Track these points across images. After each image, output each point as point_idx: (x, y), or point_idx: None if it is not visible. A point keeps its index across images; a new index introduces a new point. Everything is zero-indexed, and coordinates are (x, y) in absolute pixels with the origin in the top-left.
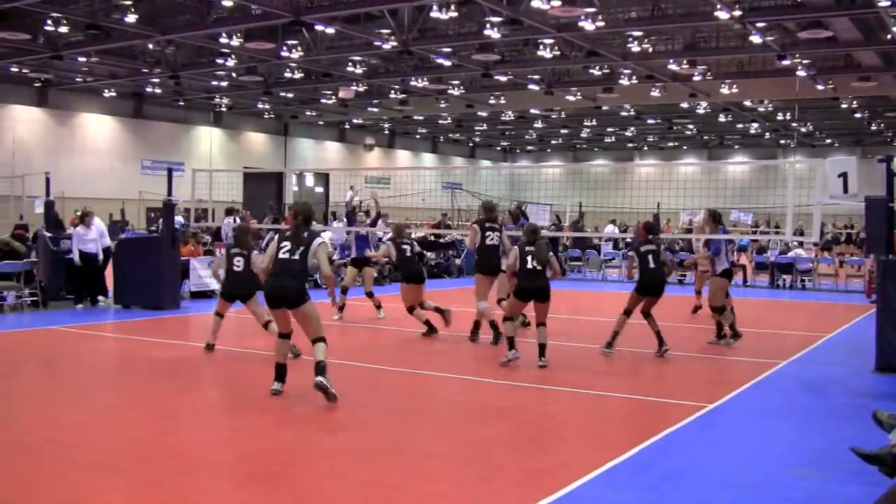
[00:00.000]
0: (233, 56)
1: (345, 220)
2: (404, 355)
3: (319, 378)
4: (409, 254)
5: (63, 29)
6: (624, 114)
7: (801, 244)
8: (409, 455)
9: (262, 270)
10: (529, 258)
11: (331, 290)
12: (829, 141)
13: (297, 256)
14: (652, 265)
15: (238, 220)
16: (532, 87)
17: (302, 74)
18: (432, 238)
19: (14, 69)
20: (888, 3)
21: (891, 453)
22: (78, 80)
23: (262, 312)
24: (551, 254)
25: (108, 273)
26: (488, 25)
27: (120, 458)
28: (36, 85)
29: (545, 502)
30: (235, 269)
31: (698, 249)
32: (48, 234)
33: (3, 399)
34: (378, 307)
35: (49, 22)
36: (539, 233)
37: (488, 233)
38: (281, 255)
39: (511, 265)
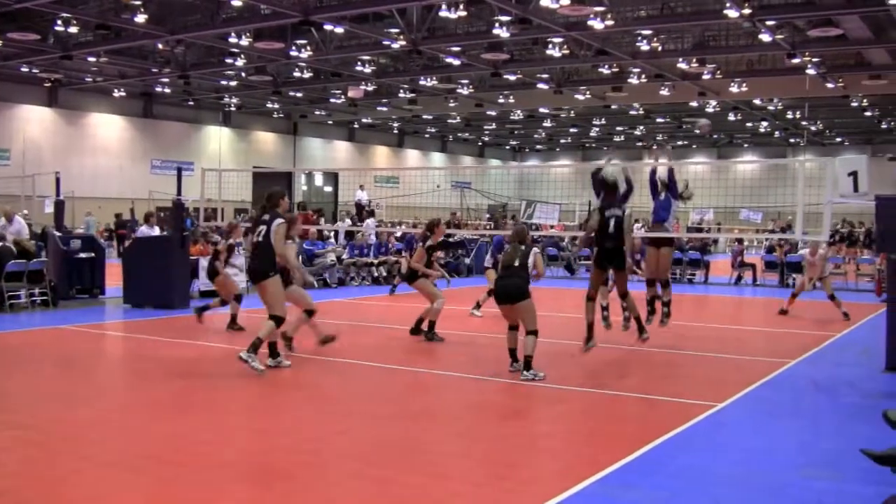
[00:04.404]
0: (242, 56)
1: (348, 220)
2: (417, 355)
3: None
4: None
5: (73, 29)
6: (633, 113)
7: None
8: (424, 454)
9: None
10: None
11: None
12: (839, 139)
13: None
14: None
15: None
16: (541, 86)
17: (311, 74)
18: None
19: (24, 69)
20: None
21: None
22: (88, 80)
23: None
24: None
25: None
26: (497, 24)
27: (134, 457)
28: (46, 85)
29: (557, 500)
30: None
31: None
32: (58, 234)
33: (17, 398)
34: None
35: (59, 22)
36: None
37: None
38: None
39: None
